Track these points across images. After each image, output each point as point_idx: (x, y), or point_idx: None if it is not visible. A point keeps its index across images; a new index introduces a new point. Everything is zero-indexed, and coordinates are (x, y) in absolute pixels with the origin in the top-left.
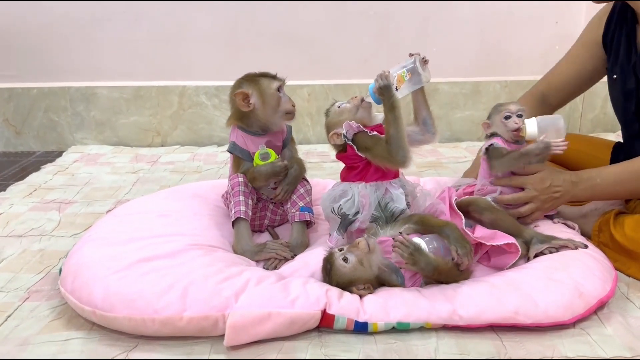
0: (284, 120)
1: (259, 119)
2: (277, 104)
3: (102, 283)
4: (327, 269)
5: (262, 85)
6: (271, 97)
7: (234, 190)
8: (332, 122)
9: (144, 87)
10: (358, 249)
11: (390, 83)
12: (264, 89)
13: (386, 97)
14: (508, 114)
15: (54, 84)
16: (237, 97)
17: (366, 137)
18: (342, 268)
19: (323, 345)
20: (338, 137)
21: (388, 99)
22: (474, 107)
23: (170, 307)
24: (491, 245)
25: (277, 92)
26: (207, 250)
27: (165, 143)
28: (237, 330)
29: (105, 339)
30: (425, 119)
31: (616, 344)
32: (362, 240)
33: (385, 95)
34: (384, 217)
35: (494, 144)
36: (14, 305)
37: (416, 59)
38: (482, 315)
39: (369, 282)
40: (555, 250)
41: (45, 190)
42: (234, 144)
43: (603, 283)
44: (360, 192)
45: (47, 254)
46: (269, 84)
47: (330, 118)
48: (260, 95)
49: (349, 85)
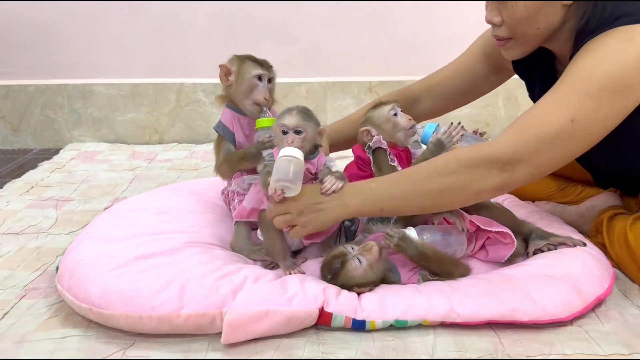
0: (252, 109)
1: (235, 98)
2: (249, 90)
3: (99, 280)
4: (336, 269)
5: (244, 66)
6: (246, 81)
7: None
8: (375, 122)
9: (141, 84)
10: (370, 253)
11: (449, 146)
12: (243, 70)
13: (434, 151)
14: (395, 111)
15: (51, 81)
16: (221, 69)
17: (385, 160)
18: (353, 271)
19: (321, 343)
20: (367, 135)
21: (434, 154)
22: (473, 105)
23: (167, 304)
24: (487, 236)
25: (257, 79)
26: (204, 247)
27: (162, 140)
28: (234, 328)
29: (102, 336)
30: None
31: (614, 342)
32: (374, 245)
33: (435, 150)
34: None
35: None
36: (11, 302)
37: (480, 141)
38: (480, 313)
39: (373, 284)
40: (553, 247)
41: (42, 187)
42: (219, 122)
43: (601, 281)
44: None
45: (44, 252)
46: (250, 69)
47: (375, 117)
48: (238, 75)
49: (347, 83)
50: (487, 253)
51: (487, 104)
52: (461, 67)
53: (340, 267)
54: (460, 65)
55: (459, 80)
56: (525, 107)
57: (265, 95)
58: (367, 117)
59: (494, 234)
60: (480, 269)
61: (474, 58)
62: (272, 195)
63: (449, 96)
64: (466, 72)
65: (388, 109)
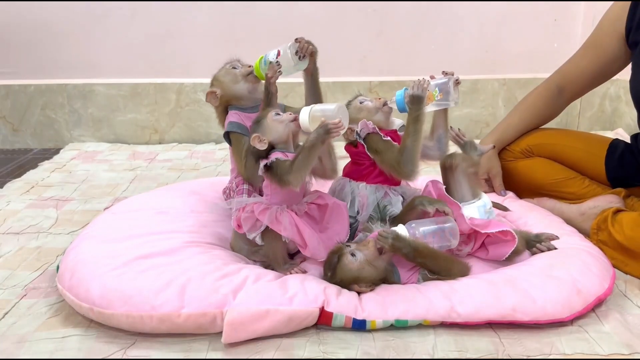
0: (250, 83)
1: (235, 98)
2: (234, 80)
3: (100, 280)
4: (333, 263)
5: (218, 77)
6: (228, 79)
7: (238, 188)
8: (352, 117)
9: (141, 84)
10: (367, 248)
11: (424, 95)
12: (219, 79)
13: (415, 108)
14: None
15: (52, 81)
16: (209, 97)
17: (379, 140)
18: (349, 264)
19: (321, 343)
20: (351, 132)
21: (416, 110)
22: (472, 105)
23: (168, 304)
24: (486, 235)
25: (231, 68)
26: (205, 247)
27: (162, 140)
28: (235, 327)
29: (102, 336)
30: (441, 137)
31: (614, 342)
32: (371, 241)
33: (414, 106)
34: (379, 217)
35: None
36: (11, 302)
37: (450, 79)
38: (480, 313)
39: (372, 282)
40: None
41: (42, 187)
42: (230, 123)
43: (601, 280)
44: (360, 192)
45: (45, 251)
46: (222, 73)
47: (350, 113)
48: (220, 82)
49: (347, 83)
50: (488, 251)
51: (487, 104)
52: (589, 48)
53: (337, 261)
54: (588, 46)
55: (589, 61)
56: None
57: (246, 66)
58: None
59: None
60: (481, 268)
61: (602, 38)
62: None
63: (583, 79)
64: (594, 52)
65: (355, 101)
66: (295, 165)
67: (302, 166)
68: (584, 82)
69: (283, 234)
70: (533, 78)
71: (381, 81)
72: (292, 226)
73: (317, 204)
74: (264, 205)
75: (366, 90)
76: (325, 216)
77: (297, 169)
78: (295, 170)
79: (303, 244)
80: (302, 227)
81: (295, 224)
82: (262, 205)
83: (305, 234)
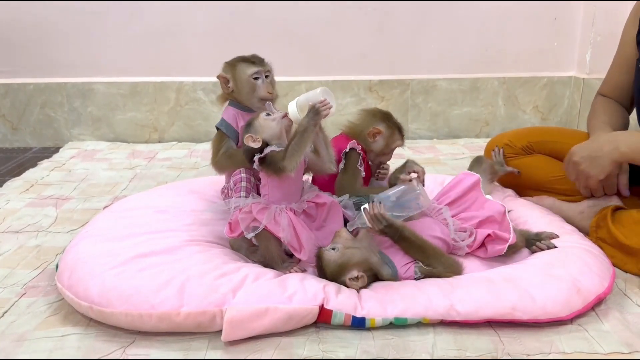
0: (260, 105)
1: (240, 100)
2: (251, 89)
3: (99, 278)
4: (319, 265)
5: (237, 70)
6: (245, 83)
7: (236, 186)
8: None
9: (141, 83)
10: (340, 236)
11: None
12: (238, 74)
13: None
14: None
15: (51, 80)
16: (220, 80)
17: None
18: (330, 256)
19: (321, 341)
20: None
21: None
22: (472, 104)
23: (167, 302)
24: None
25: (252, 79)
26: (204, 246)
27: (162, 139)
28: (234, 326)
29: (102, 334)
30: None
31: (613, 340)
32: (342, 230)
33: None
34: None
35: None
36: (11, 301)
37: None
38: (480, 311)
39: (360, 267)
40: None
41: (41, 186)
42: (222, 120)
43: (601, 279)
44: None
45: (44, 250)
46: (244, 70)
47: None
48: (235, 80)
49: (347, 81)
50: (487, 250)
51: (487, 103)
52: (618, 59)
53: (320, 259)
54: (616, 58)
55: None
56: (525, 106)
57: (268, 89)
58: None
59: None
60: (480, 267)
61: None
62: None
63: (623, 89)
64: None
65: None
66: (289, 150)
67: (296, 150)
68: (630, 93)
69: (280, 235)
70: (533, 77)
71: (381, 80)
72: (290, 228)
73: (315, 202)
74: (262, 205)
75: (366, 88)
76: (323, 214)
77: (290, 153)
78: (289, 155)
79: (299, 248)
80: (300, 229)
81: (293, 225)
82: (260, 204)
83: (302, 236)
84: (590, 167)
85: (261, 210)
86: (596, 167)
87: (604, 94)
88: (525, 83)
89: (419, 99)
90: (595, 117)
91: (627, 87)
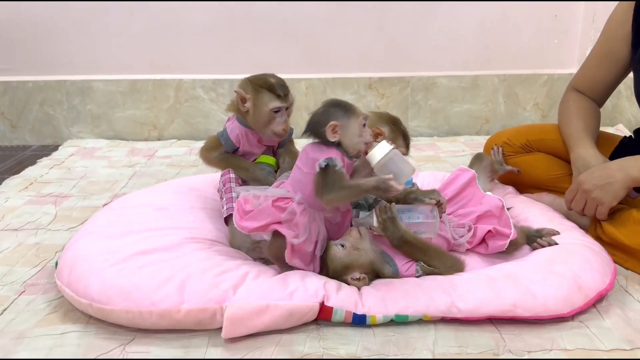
0: (271, 136)
1: (251, 124)
2: (268, 121)
3: (99, 276)
4: (323, 258)
5: (260, 98)
6: (264, 114)
7: (225, 187)
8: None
9: (140, 81)
10: (351, 236)
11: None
12: (260, 103)
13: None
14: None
15: (50, 77)
16: (237, 96)
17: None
18: (337, 253)
19: (321, 339)
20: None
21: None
22: (472, 101)
23: (167, 299)
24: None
25: (273, 112)
26: (204, 243)
27: (161, 137)
28: (234, 323)
29: (101, 332)
30: None
31: (615, 337)
32: (353, 228)
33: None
34: (366, 205)
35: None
36: (10, 298)
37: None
38: (481, 308)
39: (363, 269)
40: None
41: (41, 184)
42: (224, 131)
43: (602, 276)
44: None
45: (43, 248)
46: (267, 101)
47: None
48: (255, 106)
49: (347, 79)
50: (488, 247)
51: (488, 100)
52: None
53: (326, 254)
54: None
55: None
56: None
57: (284, 127)
58: None
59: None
60: (481, 264)
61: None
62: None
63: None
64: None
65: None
66: (339, 192)
67: (343, 197)
68: (606, 90)
69: (306, 248)
70: (533, 74)
71: (381, 77)
72: (312, 243)
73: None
74: (304, 206)
75: (366, 86)
76: (347, 222)
77: (337, 196)
78: (335, 196)
79: (307, 262)
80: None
81: (316, 241)
82: (302, 205)
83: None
84: (602, 194)
85: (304, 212)
86: (609, 194)
87: (577, 88)
88: (526, 80)
89: (419, 96)
90: (570, 123)
91: (604, 83)
